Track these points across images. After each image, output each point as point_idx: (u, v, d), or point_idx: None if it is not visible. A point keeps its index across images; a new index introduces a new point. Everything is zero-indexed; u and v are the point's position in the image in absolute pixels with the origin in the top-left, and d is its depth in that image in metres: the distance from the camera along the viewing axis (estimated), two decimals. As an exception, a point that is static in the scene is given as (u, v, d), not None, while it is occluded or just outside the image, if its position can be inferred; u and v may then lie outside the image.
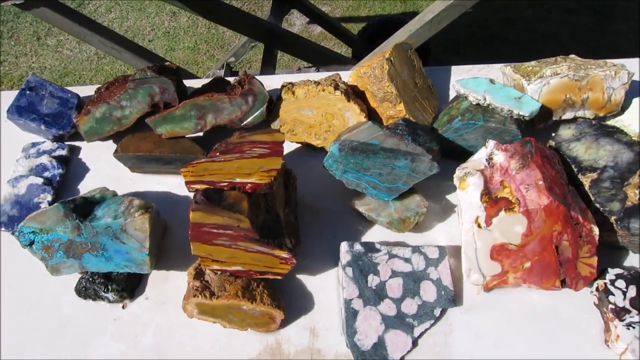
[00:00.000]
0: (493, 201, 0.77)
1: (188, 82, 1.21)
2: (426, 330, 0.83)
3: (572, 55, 1.04)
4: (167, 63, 1.07)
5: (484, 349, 0.81)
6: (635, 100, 0.97)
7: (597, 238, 0.73)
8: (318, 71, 2.52)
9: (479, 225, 0.76)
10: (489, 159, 0.84)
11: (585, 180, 0.81)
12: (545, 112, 0.96)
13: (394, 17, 2.74)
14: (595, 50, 2.75)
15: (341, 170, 0.89)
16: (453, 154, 0.98)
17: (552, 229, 0.73)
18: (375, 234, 0.95)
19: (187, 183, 0.80)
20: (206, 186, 0.79)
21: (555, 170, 0.77)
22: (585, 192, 0.81)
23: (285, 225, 0.87)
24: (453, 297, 0.84)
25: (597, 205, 0.79)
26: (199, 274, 0.85)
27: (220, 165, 0.82)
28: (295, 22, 3.20)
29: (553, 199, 0.70)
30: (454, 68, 1.18)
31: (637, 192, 0.78)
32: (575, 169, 0.82)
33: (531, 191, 0.72)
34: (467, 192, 0.81)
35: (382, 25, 2.55)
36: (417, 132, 0.89)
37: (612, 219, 0.77)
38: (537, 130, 0.99)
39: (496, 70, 1.15)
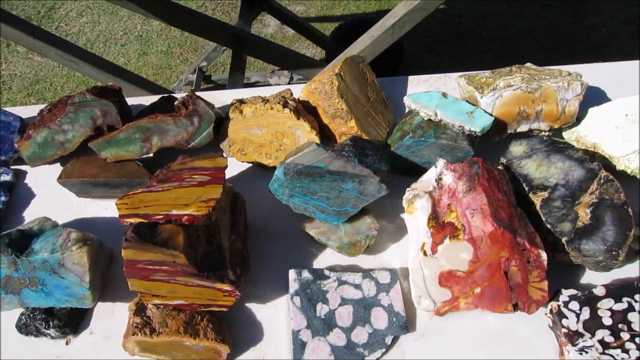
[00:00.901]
0: (440, 226, 0.74)
1: (138, 100, 1.17)
2: (378, 359, 0.80)
3: (528, 64, 1.01)
4: (110, 84, 1.02)
5: (437, 377, 0.78)
6: (591, 111, 0.94)
7: (545, 263, 0.71)
8: (292, 77, 2.49)
9: (424, 253, 0.73)
10: (439, 179, 0.81)
11: (536, 200, 0.78)
12: (499, 125, 0.94)
13: (367, 17, 2.69)
14: (569, 45, 2.73)
15: (287, 194, 0.85)
16: (409, 171, 0.95)
17: (499, 255, 0.71)
18: (328, 258, 0.92)
19: (120, 217, 0.76)
20: (141, 220, 0.75)
21: (502, 193, 0.74)
22: (536, 212, 0.78)
23: (231, 254, 0.83)
24: (405, 324, 0.81)
25: (548, 226, 0.76)
26: (139, 309, 0.81)
27: (157, 195, 0.79)
28: (270, 23, 3.15)
29: (498, 225, 0.68)
30: (410, 78, 1.15)
31: (587, 211, 0.75)
32: (526, 188, 0.79)
33: (476, 217, 0.70)
34: (414, 217, 0.78)
35: (355, 26, 2.51)
36: (365, 152, 0.86)
37: (563, 240, 0.75)
38: (492, 143, 0.96)
39: (454, 80, 1.11)
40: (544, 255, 0.70)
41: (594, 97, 1.07)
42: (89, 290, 0.84)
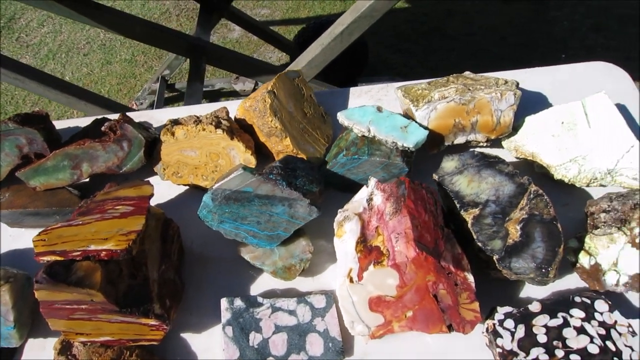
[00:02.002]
0: (367, 250, 0.72)
1: (75, 122, 1.13)
2: (313, 387, 0.78)
3: (466, 73, 1.00)
4: (36, 110, 0.99)
5: (374, 403, 0.77)
6: (528, 119, 0.93)
7: (473, 285, 0.69)
8: (257, 83, 2.45)
9: (351, 280, 0.71)
10: (369, 199, 0.79)
11: (468, 217, 0.76)
12: (436, 138, 0.92)
13: (329, 19, 2.67)
14: (532, 39, 2.74)
15: (217, 220, 0.83)
16: (347, 188, 0.93)
17: (426, 280, 0.69)
18: (267, 281, 0.89)
19: (36, 255, 0.73)
20: (57, 258, 0.72)
21: (429, 214, 0.72)
22: (469, 230, 0.76)
23: (160, 286, 0.81)
24: (341, 349, 0.79)
25: (480, 244, 0.74)
26: (65, 348, 0.78)
27: (76, 230, 0.76)
28: (235, 28, 3.10)
29: (421, 250, 0.66)
30: (352, 90, 1.12)
31: (518, 227, 0.74)
32: (458, 205, 0.78)
33: (400, 241, 0.68)
34: (342, 241, 0.76)
35: (316, 29, 2.48)
36: (295, 174, 0.83)
37: (494, 258, 0.73)
38: (431, 156, 0.94)
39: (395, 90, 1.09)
40: (470, 278, 0.68)
41: (536, 102, 1.06)
42: (14, 329, 0.81)
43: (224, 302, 0.82)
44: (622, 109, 1.06)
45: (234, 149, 0.94)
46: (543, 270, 0.71)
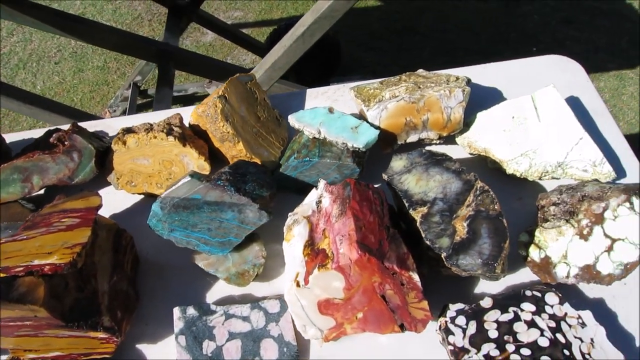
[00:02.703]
0: (314, 253, 0.72)
1: (29, 134, 1.11)
2: (268, 393, 0.77)
3: (419, 71, 1.00)
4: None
5: (330, 406, 0.76)
6: (479, 115, 0.93)
7: (419, 284, 0.69)
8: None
9: (297, 284, 0.70)
10: (318, 202, 0.79)
11: (417, 216, 0.76)
12: (389, 137, 0.92)
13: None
14: (505, 34, 2.75)
15: (167, 229, 0.82)
16: (301, 191, 0.92)
17: (372, 281, 0.69)
18: (223, 288, 0.89)
19: (-22, 272, 0.71)
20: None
21: (374, 214, 0.72)
22: (418, 229, 0.76)
23: (111, 297, 0.80)
24: (297, 353, 0.79)
25: (428, 243, 0.74)
26: (14, 365, 0.77)
27: (21, 245, 0.74)
28: (208, 32, 3.08)
29: (363, 252, 0.65)
30: (309, 91, 1.12)
31: (464, 224, 0.74)
32: (407, 204, 0.78)
33: (344, 243, 0.67)
34: (291, 245, 0.75)
35: (288, 30, 2.48)
36: (245, 179, 0.83)
37: (442, 255, 0.73)
38: (386, 156, 0.94)
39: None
40: (416, 277, 0.68)
41: (492, 97, 1.06)
42: (-37, 348, 0.79)
43: (176, 312, 0.81)
44: (576, 101, 1.07)
45: (186, 156, 0.93)
46: (490, 265, 0.71)
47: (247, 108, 0.97)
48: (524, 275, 0.86)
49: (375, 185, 0.88)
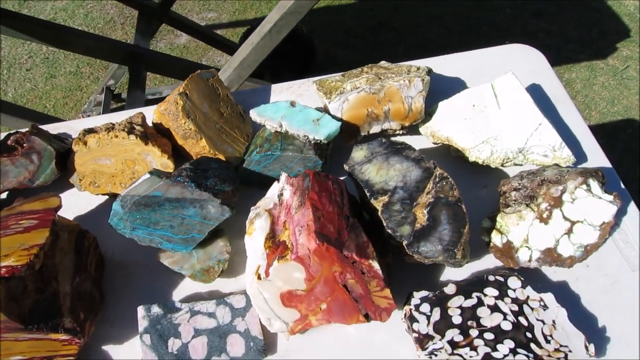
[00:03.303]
0: (275, 245, 0.71)
1: None
2: (235, 389, 0.77)
3: (382, 62, 1.00)
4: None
5: (297, 399, 0.76)
6: (441, 104, 0.94)
7: (380, 272, 0.69)
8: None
9: (259, 277, 0.70)
10: (280, 194, 0.79)
11: (378, 205, 0.76)
12: (352, 129, 0.92)
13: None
14: (477, 28, 2.78)
15: (129, 227, 0.81)
16: (267, 185, 0.92)
17: (332, 270, 0.69)
18: (190, 286, 0.88)
19: None
20: (-47, 278, 0.69)
21: (334, 204, 0.72)
22: (380, 219, 0.77)
23: (74, 299, 0.78)
24: (263, 347, 0.78)
25: (389, 231, 0.74)
26: (-26, 372, 0.75)
27: (-24, 248, 0.73)
28: (182, 34, 3.06)
29: (321, 242, 0.65)
30: (274, 87, 1.12)
31: (425, 212, 0.74)
32: (368, 194, 0.78)
33: (303, 234, 0.67)
34: (252, 238, 0.75)
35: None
36: (206, 175, 0.82)
37: (404, 243, 0.73)
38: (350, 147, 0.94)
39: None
40: (376, 266, 0.68)
41: (456, 87, 1.07)
42: None
43: (140, 310, 0.80)
44: (538, 88, 1.08)
45: (149, 155, 0.92)
46: (450, 251, 0.71)
47: (210, 104, 0.96)
48: (488, 261, 0.86)
49: (341, 178, 0.88)
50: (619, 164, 2.36)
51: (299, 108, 0.90)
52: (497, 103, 0.90)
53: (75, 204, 0.98)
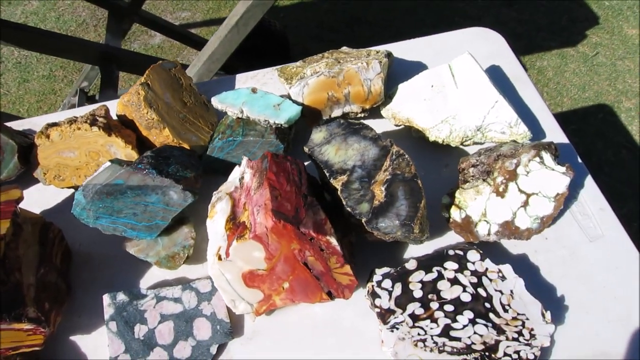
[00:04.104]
0: (235, 227, 0.72)
1: None
2: (203, 371, 0.78)
3: (343, 48, 1.01)
4: None
5: (265, 379, 0.77)
6: (400, 86, 0.95)
7: (338, 248, 0.70)
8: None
9: (219, 257, 0.71)
10: (241, 178, 0.79)
11: (337, 185, 0.77)
12: (314, 113, 0.93)
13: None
14: (449, 19, 2.81)
15: (93, 217, 0.81)
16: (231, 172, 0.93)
17: (291, 248, 0.70)
18: (156, 275, 0.88)
19: None
20: None
21: (292, 184, 0.73)
22: (340, 198, 0.78)
23: (38, 289, 0.78)
24: (230, 330, 0.79)
25: (349, 209, 0.76)
26: (-62, 366, 0.75)
27: None
28: (156, 34, 3.05)
29: (278, 219, 0.66)
30: (238, 76, 1.12)
31: (382, 189, 0.75)
32: (327, 174, 0.79)
33: (261, 213, 0.68)
34: (213, 221, 0.76)
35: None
36: (168, 162, 0.83)
37: (363, 220, 0.75)
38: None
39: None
40: (334, 242, 0.70)
41: (419, 71, 1.08)
42: None
43: (106, 298, 0.81)
44: (498, 69, 1.10)
45: (113, 146, 0.92)
46: (407, 226, 0.73)
47: (172, 94, 0.97)
48: (450, 238, 0.88)
49: (305, 163, 0.89)
50: (591, 147, 2.40)
51: (260, 94, 0.91)
52: (455, 83, 0.92)
53: (41, 198, 0.98)
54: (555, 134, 0.99)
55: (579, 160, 0.96)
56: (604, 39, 2.85)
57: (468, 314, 0.74)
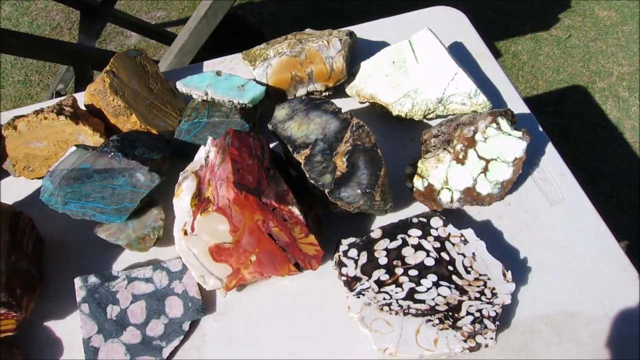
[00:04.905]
0: (200, 202, 0.73)
1: None
2: (176, 348, 0.79)
3: (307, 30, 1.03)
4: None
5: (238, 349, 0.78)
6: (363, 64, 0.97)
7: (301, 217, 0.72)
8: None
9: (185, 232, 0.72)
10: (207, 157, 0.81)
11: (300, 158, 0.79)
12: (278, 93, 0.95)
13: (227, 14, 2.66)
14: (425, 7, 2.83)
15: (61, 202, 0.82)
16: (200, 155, 0.94)
17: (255, 219, 0.71)
18: (129, 258, 0.89)
19: None
20: None
21: (254, 158, 0.74)
22: (303, 171, 0.79)
23: (11, 276, 0.79)
24: (201, 307, 0.80)
25: (312, 182, 0.77)
26: None
27: None
28: (132, 34, 3.05)
29: (239, 190, 0.68)
30: (205, 63, 1.14)
31: (344, 159, 0.77)
32: (291, 149, 0.80)
33: (223, 186, 0.70)
34: (180, 199, 0.77)
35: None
36: (134, 145, 0.84)
37: (326, 191, 0.76)
38: (278, 112, 0.97)
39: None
40: (296, 211, 0.71)
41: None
42: None
43: (77, 282, 0.82)
44: (461, 46, 1.12)
45: (81, 134, 0.93)
46: (369, 194, 0.74)
47: (138, 81, 0.98)
48: (415, 208, 0.90)
49: (271, 145, 0.91)
50: (568, 128, 2.44)
51: (225, 77, 0.92)
52: (415, 58, 0.94)
53: (13, 190, 0.99)
54: (516, 105, 1.02)
55: (540, 128, 0.99)
56: (576, 21, 2.90)
57: (432, 277, 0.76)
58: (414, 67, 0.94)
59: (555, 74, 2.67)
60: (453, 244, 0.79)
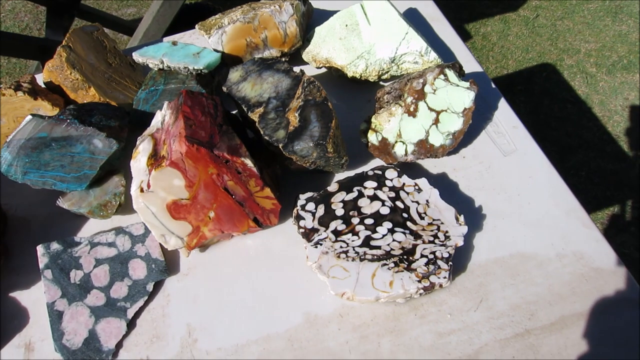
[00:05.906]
0: (157, 162, 0.75)
1: None
2: (141, 308, 0.80)
3: (261, 1, 1.05)
4: None
5: (203, 307, 0.80)
6: (317, 29, 0.99)
7: (255, 170, 0.73)
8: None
9: (141, 190, 0.73)
10: (163, 120, 0.82)
11: (255, 117, 0.81)
12: (235, 60, 0.96)
13: (196, 5, 2.67)
14: None
15: (20, 172, 0.83)
16: (161, 125, 0.95)
17: (209, 173, 0.73)
18: (92, 227, 0.90)
19: None
20: None
21: (207, 115, 0.76)
22: (258, 129, 0.81)
23: (-29, 247, 0.80)
24: (165, 267, 0.82)
25: (266, 138, 0.79)
26: None
27: None
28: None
29: (191, 144, 0.69)
30: (166, 39, 1.15)
31: (296, 115, 0.79)
32: (245, 109, 0.82)
33: (176, 142, 0.71)
34: (136, 160, 0.78)
35: (179, 16, 2.48)
36: (91, 113, 0.85)
37: (280, 146, 0.78)
38: (236, 80, 0.98)
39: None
40: (249, 164, 0.73)
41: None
42: None
43: (39, 249, 0.82)
44: (415, 11, 1.15)
45: (40, 109, 0.93)
46: (321, 145, 0.76)
47: (96, 56, 0.98)
48: (372, 164, 0.92)
49: (233, 112, 0.92)
50: (538, 105, 2.49)
51: (181, 46, 0.94)
52: (367, 20, 0.96)
53: (-26, 170, 0.99)
54: (469, 63, 1.05)
55: (493, 85, 1.01)
56: (543, 1, 2.95)
57: (387, 225, 0.78)
58: (367, 29, 0.96)
59: (524, 53, 2.72)
60: (407, 193, 0.82)
